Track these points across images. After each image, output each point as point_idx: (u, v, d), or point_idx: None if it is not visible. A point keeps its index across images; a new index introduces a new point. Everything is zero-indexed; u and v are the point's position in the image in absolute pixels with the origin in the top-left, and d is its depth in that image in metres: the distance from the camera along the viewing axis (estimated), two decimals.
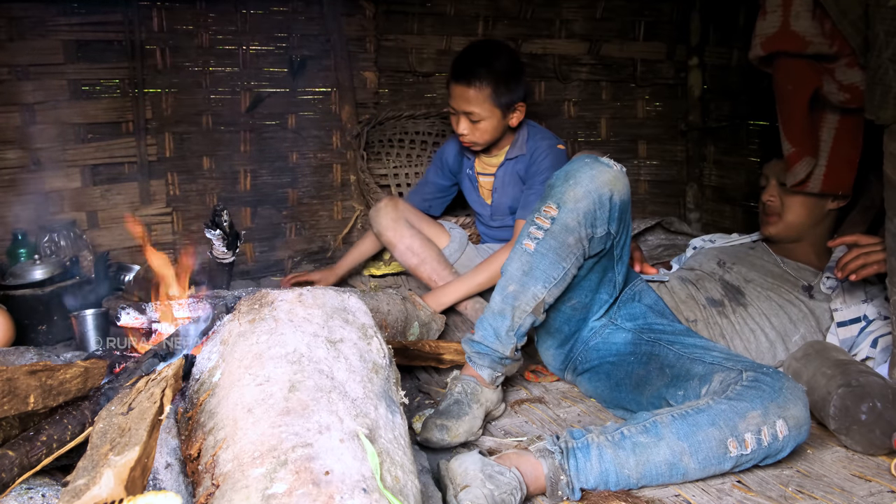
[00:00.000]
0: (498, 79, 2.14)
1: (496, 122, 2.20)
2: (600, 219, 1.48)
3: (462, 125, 2.21)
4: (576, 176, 1.48)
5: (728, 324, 1.80)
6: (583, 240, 1.49)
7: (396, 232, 2.30)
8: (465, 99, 2.16)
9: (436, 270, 2.29)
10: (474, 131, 2.21)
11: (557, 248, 1.48)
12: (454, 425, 1.46)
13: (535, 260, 1.50)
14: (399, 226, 2.31)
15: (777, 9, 1.73)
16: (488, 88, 2.13)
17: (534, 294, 1.51)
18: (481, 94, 2.14)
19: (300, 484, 0.83)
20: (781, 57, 1.78)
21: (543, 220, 1.50)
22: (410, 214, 2.40)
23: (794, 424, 1.28)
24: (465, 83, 2.14)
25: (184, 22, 2.71)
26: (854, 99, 1.68)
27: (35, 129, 2.54)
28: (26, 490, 1.04)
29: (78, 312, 1.98)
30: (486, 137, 2.23)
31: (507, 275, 1.54)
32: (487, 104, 2.15)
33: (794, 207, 1.89)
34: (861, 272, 1.59)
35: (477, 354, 1.56)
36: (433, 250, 2.32)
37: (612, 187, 1.48)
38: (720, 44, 3.13)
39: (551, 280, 1.50)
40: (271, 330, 1.13)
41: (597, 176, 1.47)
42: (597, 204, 1.47)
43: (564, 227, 1.47)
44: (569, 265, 1.50)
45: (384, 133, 3.04)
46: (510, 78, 2.16)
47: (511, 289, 1.52)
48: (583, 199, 1.46)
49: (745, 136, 3.05)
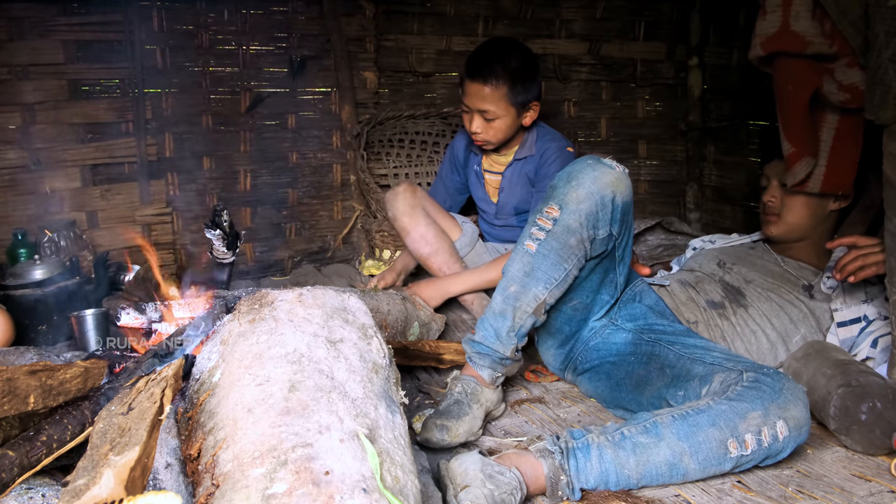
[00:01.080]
0: (514, 77, 2.12)
1: (510, 121, 2.18)
2: (602, 220, 1.48)
3: (475, 123, 2.18)
4: (578, 177, 1.48)
5: (729, 326, 1.80)
6: (584, 241, 1.49)
7: (413, 219, 2.27)
8: (480, 97, 2.13)
9: (446, 262, 2.28)
10: (488, 130, 2.18)
11: (559, 250, 1.48)
12: (454, 425, 1.46)
13: (537, 261, 1.50)
14: (416, 213, 2.28)
15: (777, 9, 1.73)
16: (505, 87, 2.11)
17: (535, 295, 1.51)
18: (497, 91, 2.12)
19: (300, 484, 0.83)
20: (781, 57, 1.78)
21: (545, 221, 1.49)
22: (427, 203, 2.36)
23: (795, 425, 1.28)
24: (482, 80, 2.11)
25: (184, 22, 2.71)
26: (854, 99, 1.68)
27: (35, 129, 2.54)
28: (26, 490, 1.04)
29: (78, 312, 1.98)
30: (499, 136, 2.21)
31: (509, 275, 1.54)
32: (503, 102, 2.13)
33: (794, 208, 1.89)
34: (859, 274, 1.59)
35: (477, 355, 1.56)
36: (446, 242, 2.30)
37: (614, 189, 1.47)
38: (720, 44, 3.13)
39: (553, 281, 1.50)
40: (271, 330, 1.13)
41: (599, 177, 1.47)
42: (599, 205, 1.47)
43: (566, 229, 1.47)
44: (570, 266, 1.50)
45: (384, 133, 3.04)
46: (526, 76, 2.14)
47: (512, 289, 1.52)
48: (585, 201, 1.46)
49: (745, 136, 3.05)
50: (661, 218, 2.91)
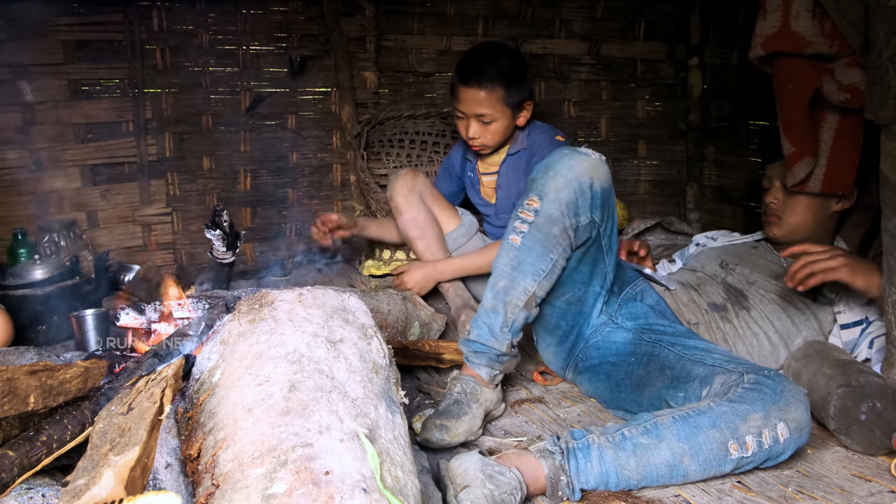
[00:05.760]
0: (508, 78, 2.13)
1: (507, 122, 2.20)
2: (583, 207, 1.50)
3: (473, 129, 2.19)
4: (555, 167, 1.51)
5: (731, 328, 1.80)
6: (567, 229, 1.50)
7: (407, 200, 2.33)
8: (476, 101, 2.14)
9: (430, 248, 2.34)
10: (485, 133, 2.20)
11: (543, 241, 1.50)
12: (454, 425, 1.46)
13: (523, 254, 1.51)
14: (411, 196, 2.34)
15: (777, 9, 1.73)
16: (501, 89, 2.13)
17: (524, 288, 1.52)
18: (493, 94, 2.13)
19: (300, 484, 0.83)
20: (781, 57, 1.78)
21: (527, 214, 1.51)
22: (426, 191, 2.40)
23: (795, 427, 1.28)
24: (477, 85, 2.13)
25: (184, 22, 2.71)
26: (854, 99, 1.68)
27: (35, 129, 2.54)
28: (26, 490, 1.04)
29: (78, 312, 1.98)
30: (497, 139, 2.23)
31: (497, 271, 1.55)
32: (499, 105, 2.15)
33: (797, 210, 1.88)
34: (808, 282, 1.61)
35: (474, 353, 1.57)
36: (435, 230, 2.36)
37: (591, 175, 1.49)
38: (720, 44, 3.13)
39: (540, 272, 1.51)
40: (271, 330, 1.13)
41: (576, 165, 1.49)
42: (578, 192, 1.49)
43: (548, 219, 1.49)
44: (556, 256, 1.51)
45: (384, 133, 3.04)
46: (519, 77, 2.17)
47: (501, 284, 1.53)
48: (563, 189, 1.48)
49: (745, 136, 3.05)
50: (661, 218, 2.91)
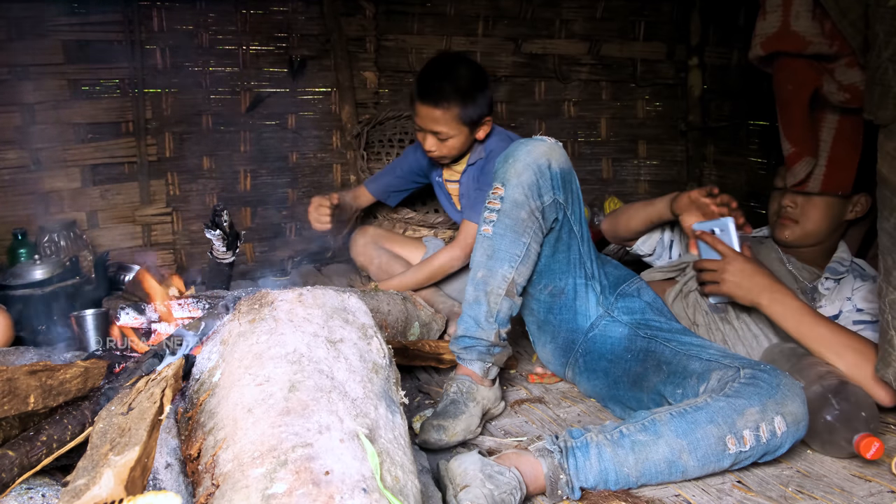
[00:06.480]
0: (465, 97, 2.08)
1: (464, 139, 2.17)
2: (544, 187, 1.55)
3: (429, 142, 2.17)
4: (514, 154, 1.57)
5: (730, 329, 1.79)
6: (535, 211, 1.55)
7: (366, 256, 2.54)
8: (432, 119, 2.11)
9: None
10: (442, 148, 2.18)
11: (513, 226, 1.54)
12: (451, 425, 1.46)
13: (496, 242, 1.55)
14: (368, 248, 2.54)
15: (777, 9, 1.73)
16: (456, 108, 2.08)
17: (503, 275, 1.55)
18: (448, 113, 2.09)
19: (300, 484, 0.83)
20: (781, 57, 1.78)
21: (494, 202, 1.57)
22: (381, 237, 2.59)
23: (793, 421, 1.28)
24: (432, 104, 2.09)
25: (184, 22, 2.72)
26: (854, 99, 1.68)
27: (35, 129, 2.55)
28: (26, 490, 1.04)
29: (78, 312, 1.98)
30: (454, 153, 2.22)
31: (475, 263, 1.59)
32: (455, 123, 2.11)
33: (814, 216, 1.82)
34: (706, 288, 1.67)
35: (464, 350, 1.58)
36: (399, 266, 2.48)
37: (548, 157, 1.55)
38: (720, 44, 3.13)
39: (515, 258, 1.55)
40: (271, 330, 1.13)
41: (532, 150, 1.55)
42: (537, 174, 1.54)
43: (514, 203, 1.54)
44: (528, 240, 1.56)
45: (384, 133, 3.04)
46: (476, 93, 2.11)
47: (480, 275, 1.57)
48: (524, 172, 1.54)
49: (745, 136, 3.05)
50: None
